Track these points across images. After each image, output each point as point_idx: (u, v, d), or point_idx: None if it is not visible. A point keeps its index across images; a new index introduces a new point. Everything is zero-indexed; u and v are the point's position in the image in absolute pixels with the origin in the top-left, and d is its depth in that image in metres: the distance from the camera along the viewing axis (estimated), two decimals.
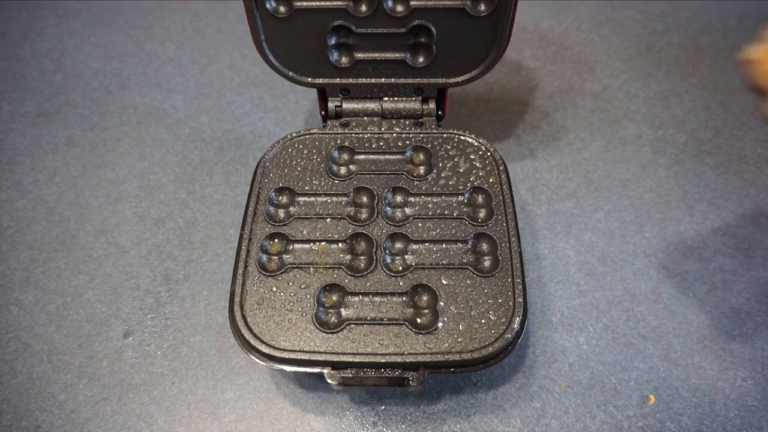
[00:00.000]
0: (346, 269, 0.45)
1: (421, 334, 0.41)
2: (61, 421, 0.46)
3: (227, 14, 0.79)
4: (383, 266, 0.45)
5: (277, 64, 0.53)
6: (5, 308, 0.52)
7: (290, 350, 0.41)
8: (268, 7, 0.49)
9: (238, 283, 0.44)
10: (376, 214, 0.48)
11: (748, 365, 0.47)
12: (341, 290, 0.44)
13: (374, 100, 0.55)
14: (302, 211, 0.49)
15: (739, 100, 0.67)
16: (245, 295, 0.43)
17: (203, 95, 0.69)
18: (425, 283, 0.44)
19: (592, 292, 0.52)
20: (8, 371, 0.48)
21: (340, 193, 0.49)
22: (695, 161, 0.61)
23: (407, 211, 0.49)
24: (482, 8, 0.49)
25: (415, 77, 0.53)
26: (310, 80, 0.54)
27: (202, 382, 0.47)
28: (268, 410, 0.46)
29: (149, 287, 0.53)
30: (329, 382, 0.40)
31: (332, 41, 0.52)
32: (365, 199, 0.49)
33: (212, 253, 0.55)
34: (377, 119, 0.55)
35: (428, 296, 0.44)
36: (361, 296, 0.44)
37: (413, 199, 0.49)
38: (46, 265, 0.55)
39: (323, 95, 0.55)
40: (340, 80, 0.54)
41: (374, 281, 0.44)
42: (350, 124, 0.54)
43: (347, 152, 0.52)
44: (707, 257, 0.54)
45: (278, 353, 0.41)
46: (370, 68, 0.53)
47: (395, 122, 0.55)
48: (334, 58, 0.53)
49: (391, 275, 0.44)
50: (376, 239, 0.46)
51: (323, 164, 0.51)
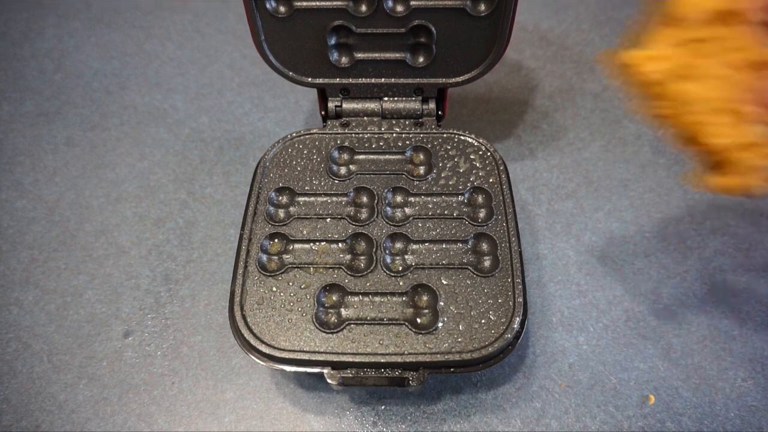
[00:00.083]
0: (346, 269, 0.45)
1: (421, 334, 0.41)
2: (61, 421, 0.46)
3: (227, 14, 0.79)
4: (383, 266, 0.45)
5: (277, 64, 0.53)
6: (5, 308, 0.52)
7: (290, 350, 0.41)
8: (268, 7, 0.49)
9: (238, 283, 0.44)
10: (376, 214, 0.48)
11: (748, 365, 0.47)
12: (341, 290, 0.44)
13: (374, 100, 0.55)
14: (302, 211, 0.49)
15: None
16: (245, 295, 0.43)
17: (203, 95, 0.69)
18: (425, 283, 0.44)
19: (592, 292, 0.52)
20: (8, 371, 0.48)
21: (340, 193, 0.49)
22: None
23: (407, 211, 0.49)
24: (482, 8, 0.49)
25: (415, 77, 0.53)
26: (310, 80, 0.54)
27: (202, 382, 0.47)
28: (268, 410, 0.46)
29: (149, 287, 0.53)
30: (329, 382, 0.40)
31: (332, 41, 0.52)
32: (365, 199, 0.49)
33: (212, 253, 0.55)
34: (377, 119, 0.55)
35: (428, 296, 0.44)
36: (361, 296, 0.44)
37: (413, 199, 0.49)
38: (46, 265, 0.55)
39: (323, 95, 0.55)
40: (340, 80, 0.54)
41: (374, 281, 0.44)
42: (350, 124, 0.54)
43: (347, 152, 0.52)
44: (707, 257, 0.54)
45: (278, 353, 0.41)
46: (370, 68, 0.53)
47: (395, 122, 0.55)
48: (334, 58, 0.53)
49: (391, 275, 0.44)
50: (376, 239, 0.46)
51: (323, 164, 0.51)
